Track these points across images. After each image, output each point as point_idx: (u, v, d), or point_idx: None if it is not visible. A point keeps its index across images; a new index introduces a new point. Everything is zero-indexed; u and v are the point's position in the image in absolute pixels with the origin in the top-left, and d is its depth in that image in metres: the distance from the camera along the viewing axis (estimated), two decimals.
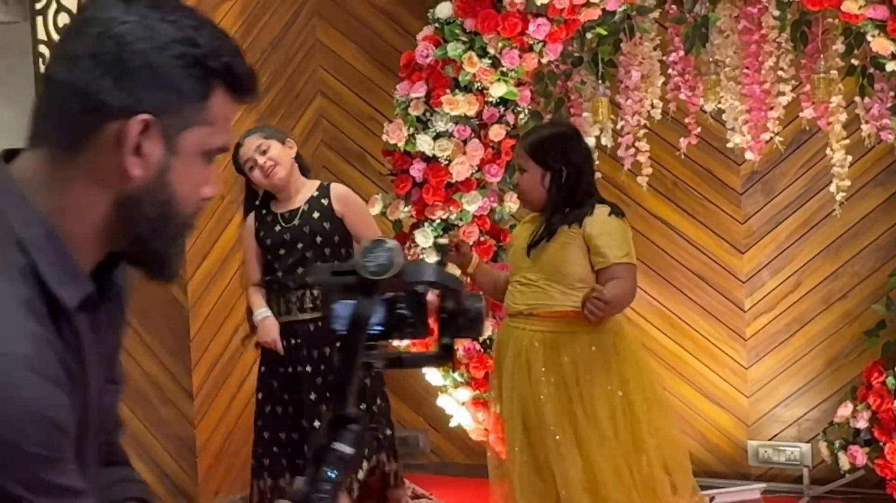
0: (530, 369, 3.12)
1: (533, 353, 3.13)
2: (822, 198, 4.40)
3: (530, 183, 3.19)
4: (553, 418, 3.07)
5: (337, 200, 3.61)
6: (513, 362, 3.18)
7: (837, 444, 4.16)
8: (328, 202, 3.59)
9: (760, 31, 4.16)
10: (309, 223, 3.55)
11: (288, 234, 3.55)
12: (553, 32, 4.18)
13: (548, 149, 3.19)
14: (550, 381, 3.09)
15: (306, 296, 3.52)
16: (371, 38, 5.18)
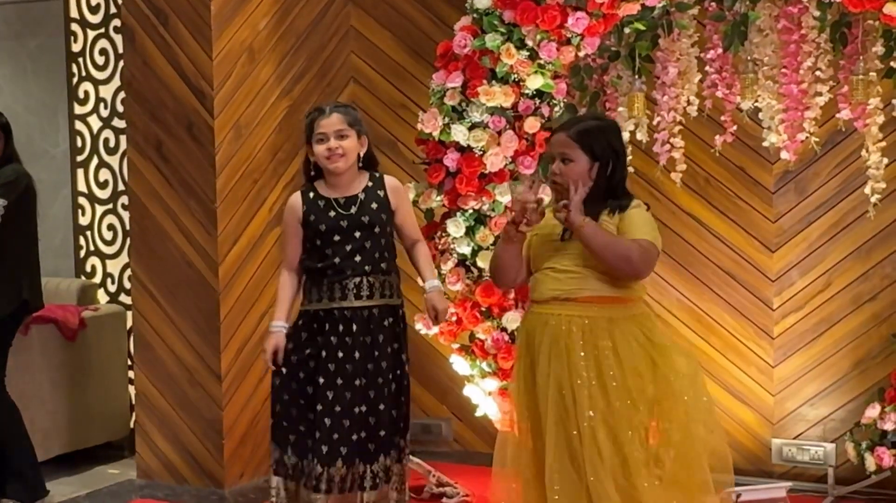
0: (569, 355, 3.11)
1: (571, 339, 3.11)
2: (855, 199, 4.40)
3: (578, 172, 3.15)
4: (588, 403, 3.06)
5: (392, 192, 3.62)
6: (549, 349, 3.15)
7: (864, 445, 4.17)
8: (384, 194, 3.59)
9: (800, 31, 4.15)
10: (368, 213, 3.54)
11: (345, 222, 3.52)
12: (591, 26, 4.18)
13: (596, 138, 3.17)
14: (590, 366, 3.08)
15: (363, 283, 3.53)
16: (405, 26, 5.19)
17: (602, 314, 3.12)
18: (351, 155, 3.54)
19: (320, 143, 3.51)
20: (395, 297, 3.61)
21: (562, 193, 3.16)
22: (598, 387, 3.08)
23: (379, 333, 3.54)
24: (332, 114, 3.54)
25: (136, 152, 4.75)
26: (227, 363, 4.64)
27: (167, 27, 4.59)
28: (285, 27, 4.87)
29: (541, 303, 3.22)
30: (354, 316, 3.52)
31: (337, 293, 3.52)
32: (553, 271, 3.19)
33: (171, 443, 4.78)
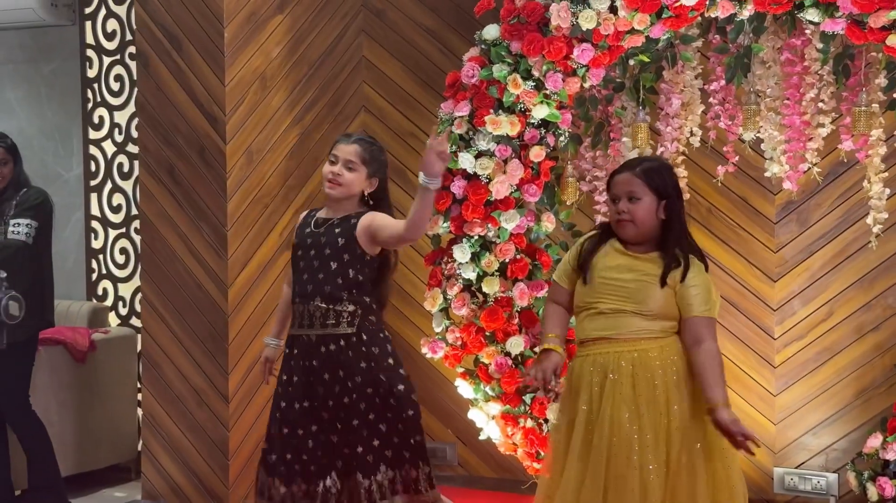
0: (617, 389, 3.17)
1: (621, 373, 3.18)
2: (857, 229, 4.45)
3: (646, 210, 3.22)
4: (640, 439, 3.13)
5: (363, 220, 3.49)
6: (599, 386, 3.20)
7: (866, 475, 4.19)
8: (355, 222, 3.49)
9: (803, 63, 4.23)
10: (327, 235, 3.49)
11: (309, 239, 3.52)
12: (597, 58, 4.26)
13: (661, 176, 3.25)
14: (644, 398, 3.15)
15: (305, 312, 3.48)
16: (415, 56, 5.28)
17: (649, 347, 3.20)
18: (350, 187, 3.50)
19: (330, 164, 3.53)
20: (345, 327, 3.46)
21: (629, 231, 3.24)
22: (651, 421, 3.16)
23: (313, 360, 3.48)
24: (353, 143, 3.54)
25: (149, 176, 4.83)
26: (234, 384, 4.69)
27: (181, 53, 4.68)
28: (298, 56, 4.96)
29: (586, 344, 3.27)
30: (298, 342, 3.52)
31: (296, 320, 3.52)
32: (596, 313, 3.25)
33: (177, 463, 4.82)
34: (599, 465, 3.14)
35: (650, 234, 3.25)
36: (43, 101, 5.96)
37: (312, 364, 3.48)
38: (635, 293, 3.19)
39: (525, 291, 4.37)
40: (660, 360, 3.18)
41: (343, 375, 3.45)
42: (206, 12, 4.60)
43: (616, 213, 3.25)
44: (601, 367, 3.20)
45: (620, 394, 3.16)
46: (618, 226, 3.26)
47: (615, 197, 3.27)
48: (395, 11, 5.28)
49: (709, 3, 4.06)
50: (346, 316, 3.46)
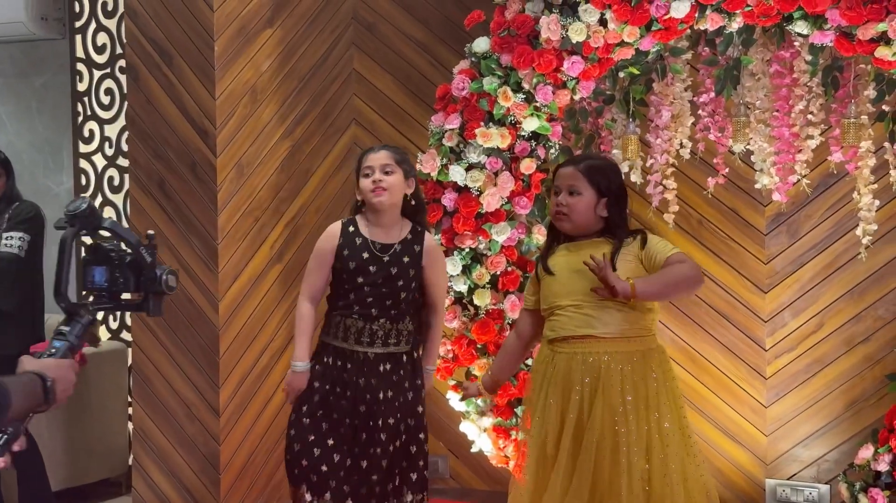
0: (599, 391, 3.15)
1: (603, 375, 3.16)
2: (848, 241, 4.46)
3: (585, 205, 3.25)
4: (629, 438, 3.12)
5: (427, 251, 3.62)
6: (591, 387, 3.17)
7: (858, 486, 4.19)
8: (419, 250, 3.60)
9: (792, 75, 4.25)
10: (397, 265, 3.55)
11: (374, 267, 3.54)
12: (587, 70, 4.27)
13: (604, 174, 3.28)
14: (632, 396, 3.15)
15: (366, 329, 3.53)
16: (406, 69, 5.28)
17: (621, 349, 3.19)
18: (395, 191, 3.56)
19: (366, 178, 3.55)
20: (403, 345, 3.59)
21: (564, 224, 3.27)
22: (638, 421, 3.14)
23: (371, 377, 3.55)
24: (381, 150, 3.63)
25: (139, 189, 4.82)
26: (225, 398, 4.68)
27: (171, 67, 4.68)
28: (288, 69, 4.97)
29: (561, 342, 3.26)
30: (356, 358, 3.55)
31: (341, 333, 3.55)
32: (570, 307, 3.24)
33: (168, 478, 4.80)
34: (587, 468, 3.13)
35: (587, 230, 3.27)
36: (33, 115, 5.95)
37: (370, 381, 3.54)
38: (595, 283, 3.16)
39: (516, 303, 4.37)
40: (643, 364, 3.18)
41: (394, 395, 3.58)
42: (196, 26, 4.60)
43: (555, 206, 3.29)
44: (591, 368, 3.18)
45: (611, 397, 3.14)
46: (555, 217, 3.31)
47: (557, 189, 3.31)
48: (385, 24, 5.29)
49: (698, 15, 4.08)
50: (399, 336, 3.58)
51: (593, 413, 3.15)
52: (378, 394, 3.54)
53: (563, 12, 4.19)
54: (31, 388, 1.90)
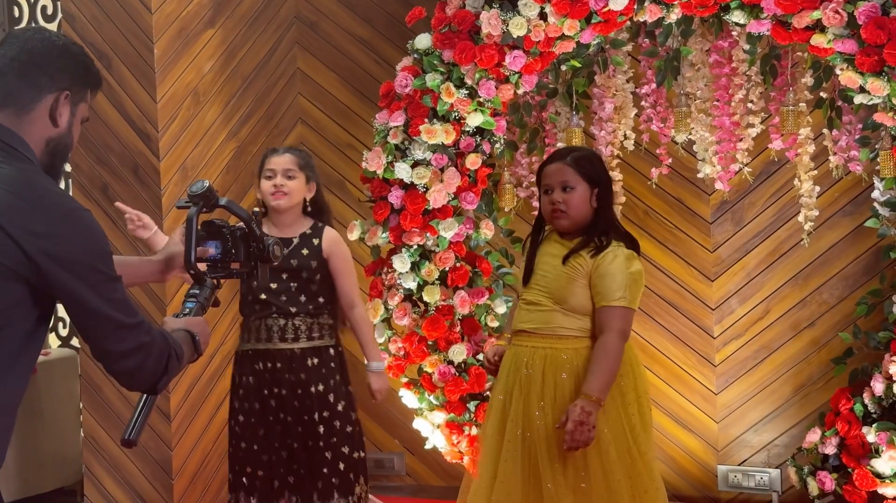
0: (530, 384, 3.15)
1: (534, 369, 3.15)
2: (791, 227, 4.51)
3: (580, 199, 3.19)
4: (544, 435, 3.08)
5: (327, 242, 3.70)
6: (514, 378, 3.19)
7: (806, 470, 4.24)
8: (318, 242, 3.68)
9: (731, 65, 4.28)
10: (297, 258, 3.63)
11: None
12: (528, 64, 4.27)
13: (591, 164, 3.24)
14: (550, 397, 3.12)
15: (288, 325, 3.60)
16: (350, 67, 5.27)
17: (566, 345, 3.16)
18: (294, 195, 3.63)
19: (268, 180, 3.65)
20: (327, 339, 3.68)
21: (562, 222, 3.21)
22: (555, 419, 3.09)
23: (300, 373, 3.61)
24: (285, 154, 3.70)
25: (82, 195, 4.77)
26: (176, 403, 4.65)
27: (111, 70, 4.63)
28: (231, 70, 4.93)
29: (516, 335, 3.29)
30: (279, 356, 3.58)
31: (263, 334, 3.60)
32: (526, 303, 3.26)
33: (121, 485, 4.76)
34: (515, 456, 3.13)
35: (584, 224, 3.22)
36: None
37: (299, 377, 3.62)
38: (554, 283, 3.17)
39: (466, 299, 4.37)
40: (571, 361, 3.13)
41: (323, 390, 3.65)
42: (134, 29, 4.56)
43: (550, 204, 3.21)
44: (518, 361, 3.20)
45: (532, 389, 3.14)
46: (552, 217, 3.23)
47: (548, 188, 3.23)
48: (328, 22, 5.27)
49: (637, 7, 4.09)
50: (327, 329, 3.68)
51: (515, 406, 3.16)
52: (309, 389, 3.62)
53: (504, 7, 4.19)
54: (187, 343, 2.20)
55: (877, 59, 3.79)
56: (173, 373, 2.09)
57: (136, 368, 2.02)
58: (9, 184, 1.92)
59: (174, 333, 2.18)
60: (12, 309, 1.93)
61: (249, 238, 2.44)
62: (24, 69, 2.03)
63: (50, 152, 2.07)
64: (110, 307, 1.98)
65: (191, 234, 2.35)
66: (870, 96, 3.88)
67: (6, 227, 1.88)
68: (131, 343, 2.00)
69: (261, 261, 2.44)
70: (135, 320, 2.01)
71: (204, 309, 2.35)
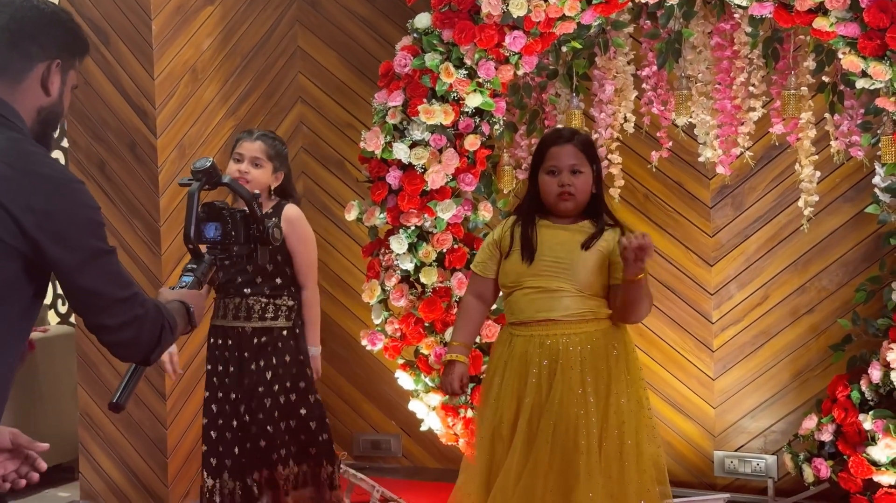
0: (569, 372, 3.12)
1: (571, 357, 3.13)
2: (791, 212, 4.47)
3: (587, 183, 3.18)
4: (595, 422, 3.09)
5: (285, 221, 3.67)
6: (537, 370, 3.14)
7: (802, 457, 4.22)
8: (277, 221, 3.64)
9: (733, 48, 4.24)
10: None
11: None
12: (529, 45, 4.24)
13: (594, 148, 3.23)
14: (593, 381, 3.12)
15: (242, 305, 3.66)
16: (351, 46, 5.23)
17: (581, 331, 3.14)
18: (256, 184, 3.64)
19: (235, 162, 3.67)
20: (282, 320, 3.68)
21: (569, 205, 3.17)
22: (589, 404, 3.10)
23: (245, 351, 3.65)
24: (257, 140, 3.69)
25: (79, 172, 4.75)
26: (171, 382, 4.64)
27: (108, 46, 4.60)
28: (230, 47, 4.90)
29: (524, 325, 3.20)
30: (231, 333, 3.66)
31: (220, 311, 3.69)
32: (535, 291, 3.18)
33: (115, 463, 4.77)
34: (544, 450, 3.09)
35: (583, 207, 3.21)
36: None
37: (244, 355, 3.65)
38: (570, 267, 3.13)
39: (463, 281, 4.35)
40: (604, 344, 3.15)
41: (274, 365, 3.64)
42: (132, 5, 4.52)
43: (559, 186, 3.15)
44: (549, 351, 3.14)
45: (570, 379, 3.10)
46: (560, 199, 3.17)
47: (555, 169, 3.17)
48: (328, 0, 5.23)
49: None
50: (284, 310, 3.66)
51: (552, 395, 3.10)
52: (251, 366, 3.63)
53: None
54: (181, 314, 2.20)
55: (879, 43, 3.76)
56: (166, 344, 2.10)
57: (131, 340, 2.03)
58: (2, 154, 1.91)
59: (169, 304, 2.18)
60: (8, 285, 1.92)
61: (250, 220, 2.45)
62: (14, 38, 2.01)
63: (41, 121, 2.06)
64: (105, 281, 1.97)
65: (192, 209, 2.36)
66: (872, 81, 3.85)
67: (3, 201, 1.87)
68: (126, 316, 1.99)
69: (261, 243, 2.46)
70: (129, 292, 2.00)
71: (200, 284, 2.35)
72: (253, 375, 3.63)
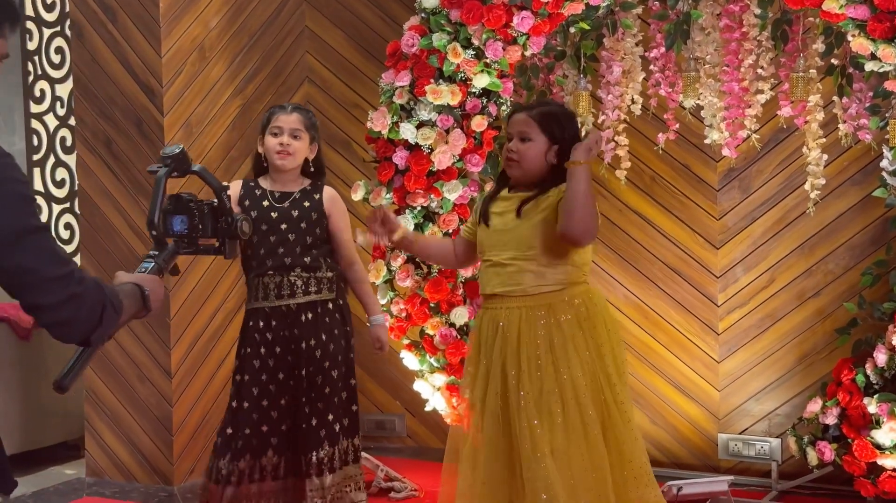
0: (506, 345, 3.09)
1: (510, 330, 3.09)
2: (798, 196, 4.46)
3: (535, 152, 3.13)
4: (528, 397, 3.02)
5: (327, 199, 3.65)
6: (492, 341, 3.12)
7: (806, 440, 4.22)
8: (319, 197, 3.63)
9: (741, 29, 4.21)
10: (298, 209, 3.58)
11: (275, 213, 3.56)
12: (537, 26, 4.22)
13: (557, 122, 3.16)
14: (528, 356, 3.05)
15: (284, 282, 3.56)
16: (358, 25, 5.22)
17: (540, 303, 3.09)
18: (299, 155, 3.59)
19: (274, 137, 3.57)
20: (325, 293, 3.61)
21: (514, 171, 3.16)
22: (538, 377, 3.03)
23: (294, 328, 3.56)
24: (294, 112, 3.62)
25: (86, 150, 4.75)
26: (177, 360, 4.65)
27: (116, 23, 4.60)
28: (238, 26, 4.89)
29: (487, 298, 3.21)
30: (275, 314, 3.56)
31: (258, 292, 3.57)
32: (493, 265, 3.17)
33: (121, 440, 4.79)
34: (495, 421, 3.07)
35: (537, 177, 3.14)
36: None
37: (294, 332, 3.56)
38: (519, 237, 3.09)
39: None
40: (549, 314, 3.07)
41: (324, 341, 3.58)
42: None
43: (506, 152, 3.19)
44: (495, 325, 3.13)
45: (509, 351, 3.08)
46: (505, 164, 3.21)
47: (508, 136, 3.20)
48: None
49: None
50: (325, 282, 3.60)
51: (493, 364, 3.10)
52: (301, 345, 3.56)
53: None
54: (134, 296, 2.14)
55: (889, 26, 3.74)
56: (109, 325, 2.01)
57: (69, 320, 1.94)
58: None
59: (122, 286, 2.12)
60: None
61: (218, 212, 2.39)
62: None
63: None
64: (38, 258, 1.88)
65: (157, 195, 2.32)
66: (881, 63, 3.83)
67: None
68: (61, 294, 1.91)
69: (229, 237, 2.40)
70: (65, 270, 1.92)
71: (161, 271, 2.29)
72: (304, 354, 3.55)
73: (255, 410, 3.55)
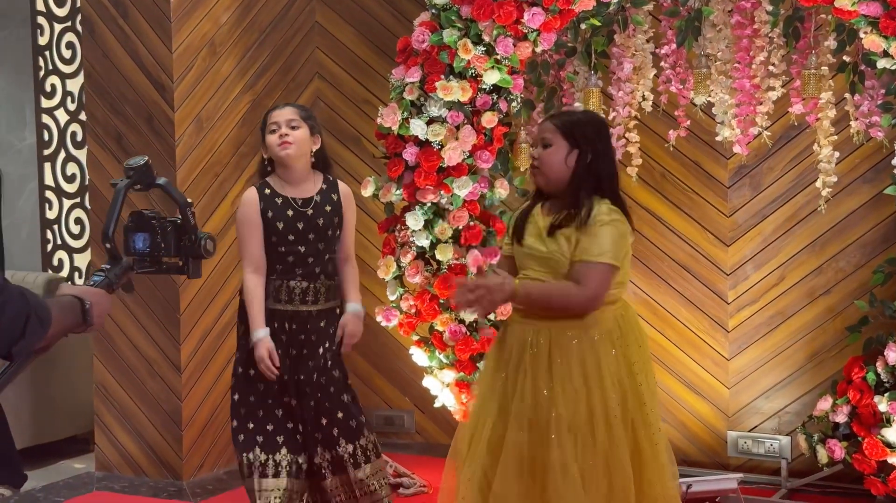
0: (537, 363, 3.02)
1: (540, 347, 3.02)
2: (809, 193, 4.45)
3: (556, 158, 3.06)
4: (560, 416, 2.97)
5: (344, 199, 3.63)
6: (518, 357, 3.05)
7: (816, 438, 4.21)
8: (337, 198, 3.60)
9: (753, 26, 4.20)
10: (322, 216, 3.55)
11: (301, 223, 3.52)
12: (548, 22, 4.22)
13: (579, 127, 3.09)
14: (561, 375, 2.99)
15: (310, 289, 3.54)
16: (369, 21, 5.22)
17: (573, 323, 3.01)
18: (301, 145, 3.52)
19: (272, 133, 3.52)
20: (335, 300, 3.64)
21: (538, 179, 3.11)
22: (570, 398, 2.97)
23: (312, 334, 3.55)
24: (286, 107, 3.60)
25: (97, 145, 4.76)
26: (186, 355, 4.66)
27: (127, 19, 4.61)
28: (248, 22, 4.90)
29: (517, 311, 3.14)
30: (297, 318, 3.54)
31: (282, 295, 3.53)
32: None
33: (130, 434, 4.80)
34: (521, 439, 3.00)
35: (561, 183, 3.05)
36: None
37: (311, 338, 3.54)
38: (550, 261, 3.03)
39: (479, 258, 4.35)
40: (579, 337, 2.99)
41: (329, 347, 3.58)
42: None
43: (531, 160, 3.15)
44: (521, 339, 3.05)
45: (538, 370, 3.02)
46: (530, 172, 3.17)
47: (533, 144, 3.18)
48: None
49: None
50: (335, 289, 3.63)
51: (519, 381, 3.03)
52: (318, 349, 3.55)
53: None
54: (71, 309, 2.05)
55: None
56: (34, 337, 1.91)
57: None
58: None
59: (59, 298, 2.04)
60: None
61: (181, 230, 2.29)
62: None
63: None
64: None
65: (115, 207, 2.23)
66: (893, 60, 3.82)
67: None
68: None
69: (192, 256, 2.30)
70: None
71: (111, 286, 2.20)
72: (319, 359, 3.54)
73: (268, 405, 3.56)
